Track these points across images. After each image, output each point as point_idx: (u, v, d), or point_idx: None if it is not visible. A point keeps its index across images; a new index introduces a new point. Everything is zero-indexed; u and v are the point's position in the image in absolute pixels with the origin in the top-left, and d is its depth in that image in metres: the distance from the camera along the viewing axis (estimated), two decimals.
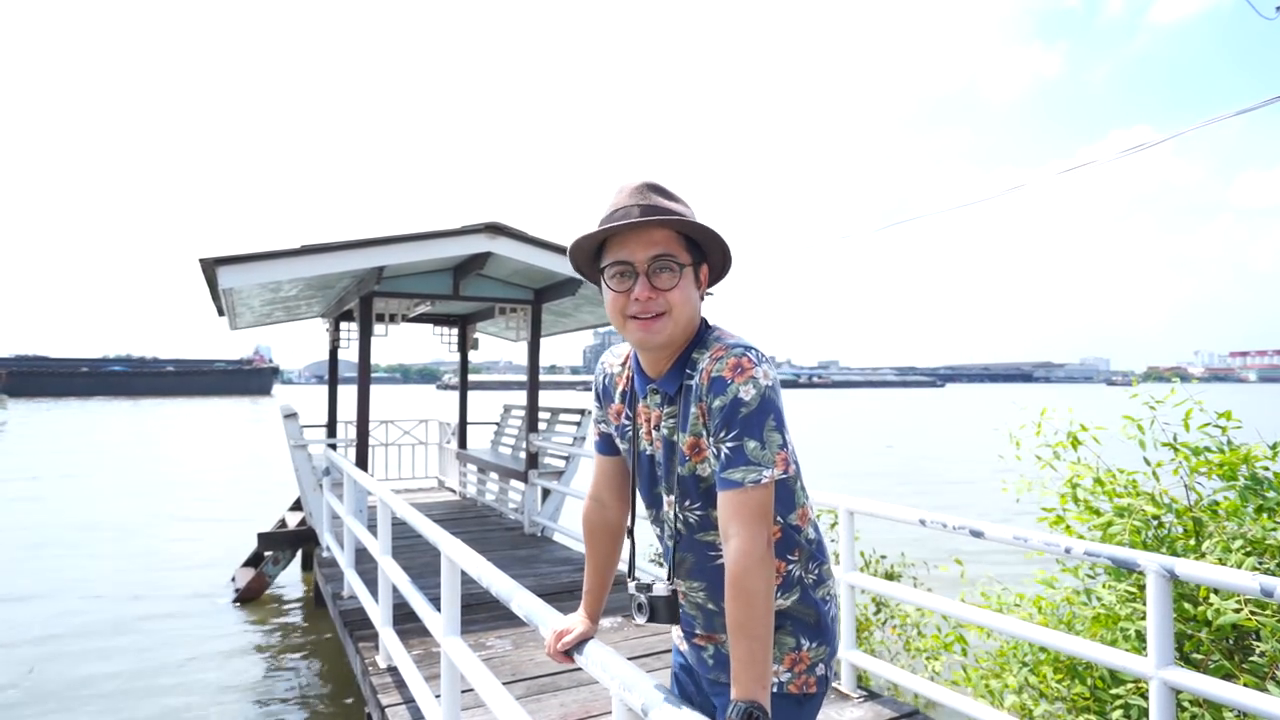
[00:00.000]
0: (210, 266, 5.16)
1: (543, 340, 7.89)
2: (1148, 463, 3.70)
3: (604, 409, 1.53)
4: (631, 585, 1.43)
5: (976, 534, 2.84)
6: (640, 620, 1.39)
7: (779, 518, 1.36)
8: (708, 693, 1.51)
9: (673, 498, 1.39)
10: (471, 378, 10.26)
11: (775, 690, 1.36)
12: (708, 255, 1.37)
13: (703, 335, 1.35)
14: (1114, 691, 3.20)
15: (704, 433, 1.30)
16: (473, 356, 9.91)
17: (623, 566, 1.67)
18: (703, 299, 1.38)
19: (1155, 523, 3.51)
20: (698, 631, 1.48)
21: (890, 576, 5.18)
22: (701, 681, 1.52)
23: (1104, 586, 3.49)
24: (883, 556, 5.35)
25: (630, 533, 1.53)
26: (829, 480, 16.17)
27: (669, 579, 1.41)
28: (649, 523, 1.51)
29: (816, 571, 1.41)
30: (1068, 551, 2.56)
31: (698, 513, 1.37)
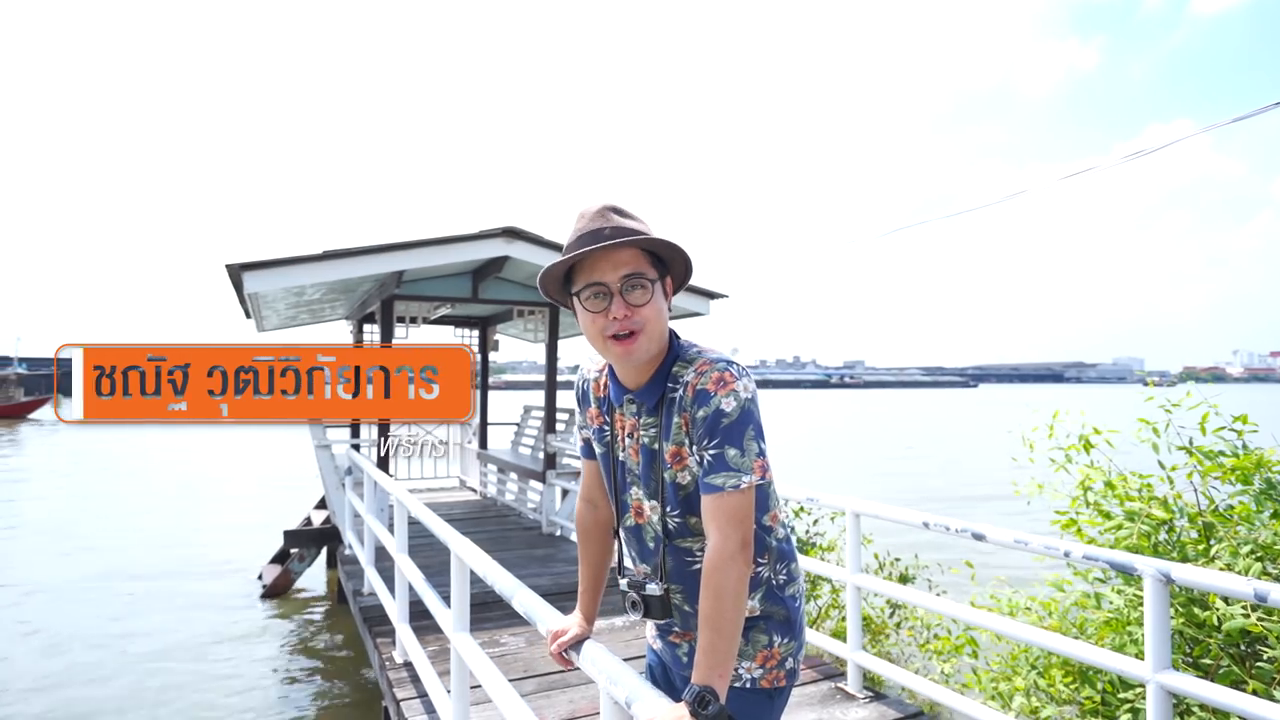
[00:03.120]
0: (236, 272, 5.32)
1: (562, 342, 7.98)
2: (1162, 466, 3.68)
3: (584, 414, 1.60)
4: (623, 582, 1.51)
5: (979, 537, 2.86)
6: (635, 616, 1.48)
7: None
8: (679, 688, 1.57)
9: (656, 503, 1.45)
10: (506, 378, 10.44)
11: (749, 686, 1.43)
12: (670, 268, 1.43)
13: (680, 349, 1.42)
14: (1122, 695, 3.19)
15: (686, 441, 1.37)
16: (497, 357, 10.09)
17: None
18: (669, 309, 1.45)
19: (1166, 527, 3.49)
20: (674, 629, 1.55)
21: (904, 579, 5.17)
22: (675, 678, 1.59)
23: (1114, 590, 3.48)
24: (896, 559, 5.35)
25: (618, 533, 1.60)
26: (883, 493, 16.10)
27: (660, 579, 1.48)
28: (620, 528, 1.57)
29: (785, 571, 1.48)
30: (1067, 555, 2.58)
31: (676, 519, 1.43)
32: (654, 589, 1.46)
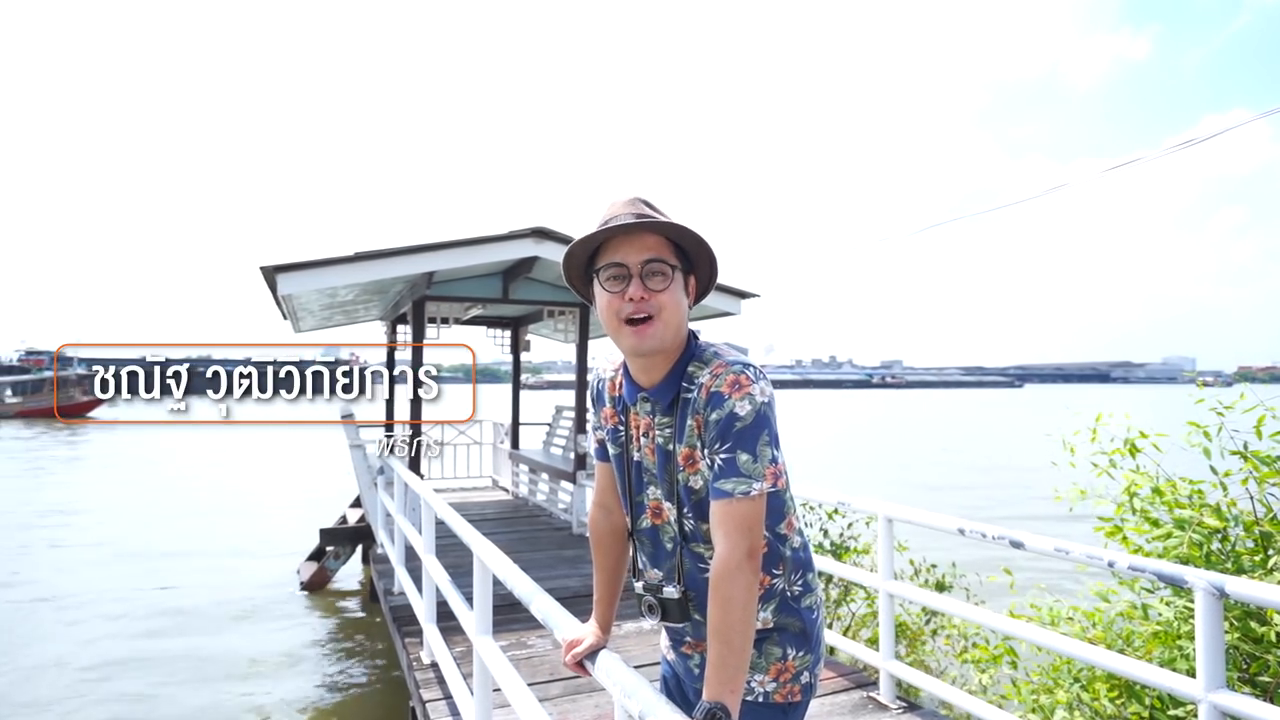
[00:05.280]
0: (270, 274, 5.41)
1: (592, 342, 7.97)
2: (1215, 471, 3.51)
3: (599, 414, 1.56)
4: (639, 585, 1.48)
5: (1016, 544, 2.75)
6: (652, 621, 1.45)
7: (766, 530, 1.37)
8: (693, 701, 1.52)
9: (673, 504, 1.41)
10: (546, 378, 10.51)
11: (761, 700, 1.38)
12: (695, 267, 1.40)
13: (697, 349, 1.38)
14: (1172, 713, 3.04)
15: (699, 444, 1.33)
16: (531, 357, 10.16)
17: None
18: (691, 309, 1.41)
19: (1219, 536, 3.32)
20: (686, 639, 1.50)
21: (940, 587, 5.03)
22: (689, 690, 1.54)
23: (1163, 602, 3.32)
24: (933, 565, 5.21)
25: (631, 536, 1.55)
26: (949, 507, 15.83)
27: (677, 582, 1.43)
28: (634, 530, 1.52)
29: (801, 582, 1.43)
30: (1111, 565, 2.46)
31: (690, 523, 1.39)
32: (672, 592, 1.42)
